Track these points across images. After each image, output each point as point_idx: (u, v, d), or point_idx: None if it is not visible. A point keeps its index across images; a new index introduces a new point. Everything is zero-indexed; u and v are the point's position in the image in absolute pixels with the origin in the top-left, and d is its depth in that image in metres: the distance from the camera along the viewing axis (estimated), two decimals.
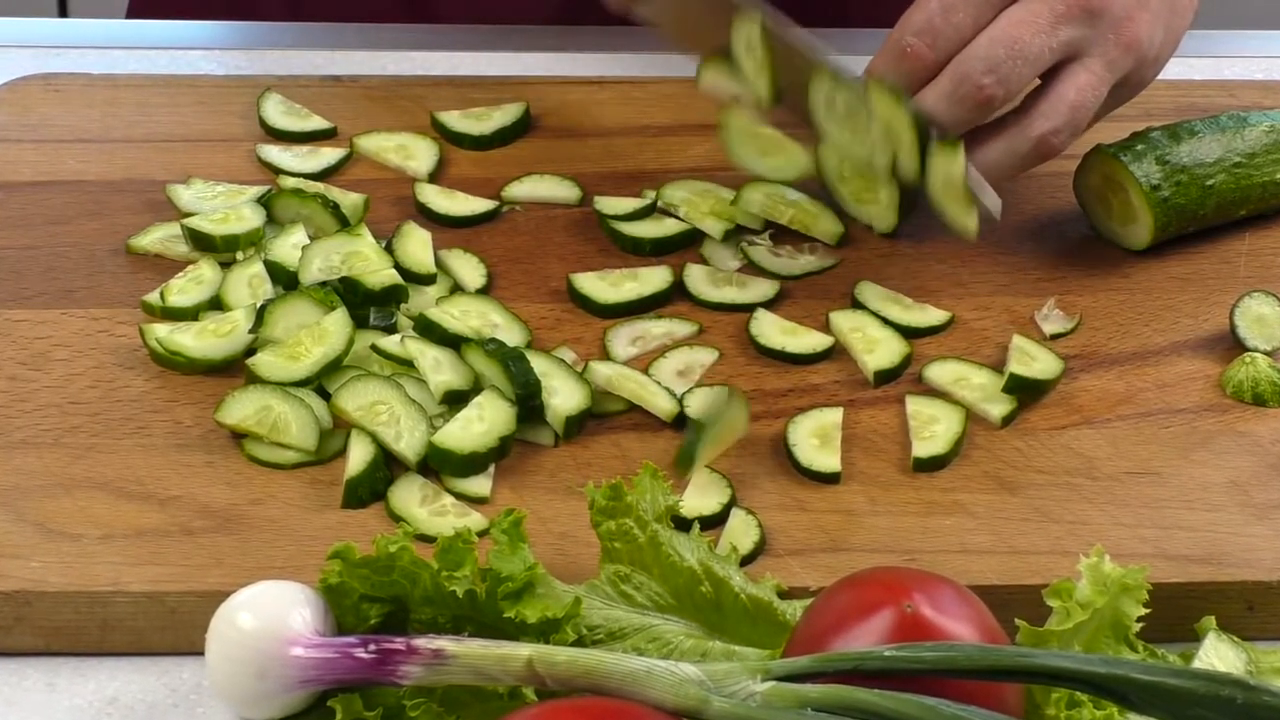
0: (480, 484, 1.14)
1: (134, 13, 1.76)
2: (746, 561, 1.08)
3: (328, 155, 1.44)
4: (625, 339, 1.27)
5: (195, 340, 1.22)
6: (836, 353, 1.27)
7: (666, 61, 1.56)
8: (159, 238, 1.33)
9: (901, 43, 1.25)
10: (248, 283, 1.28)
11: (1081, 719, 0.96)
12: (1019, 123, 1.28)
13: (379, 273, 1.26)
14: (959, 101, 1.24)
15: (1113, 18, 1.26)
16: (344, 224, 1.33)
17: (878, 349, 1.26)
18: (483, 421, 1.16)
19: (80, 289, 1.29)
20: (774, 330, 1.27)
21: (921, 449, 1.18)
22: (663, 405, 1.20)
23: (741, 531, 1.11)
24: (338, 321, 1.21)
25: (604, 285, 1.31)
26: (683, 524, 1.07)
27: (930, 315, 1.30)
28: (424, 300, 1.28)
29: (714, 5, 1.33)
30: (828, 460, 1.17)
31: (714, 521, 1.12)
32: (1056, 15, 1.24)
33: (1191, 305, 1.33)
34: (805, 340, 1.27)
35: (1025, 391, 1.23)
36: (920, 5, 1.26)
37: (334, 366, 1.20)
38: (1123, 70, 1.28)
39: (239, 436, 1.17)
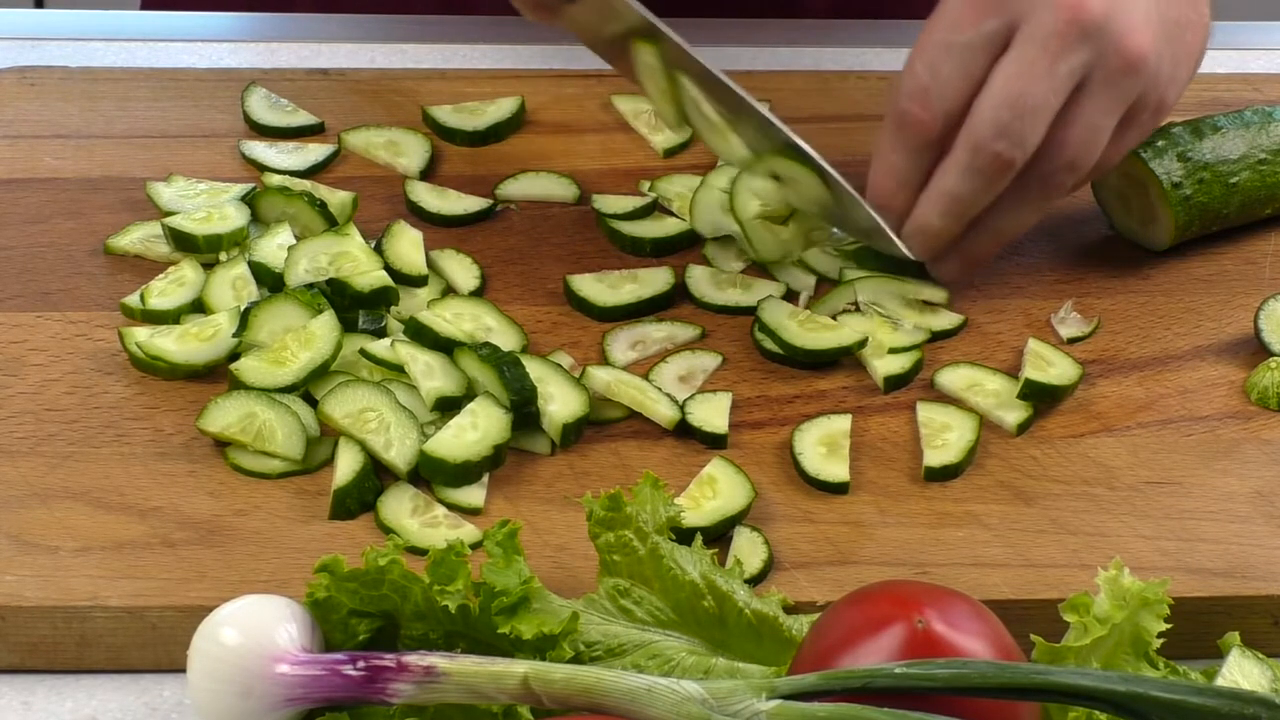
0: (474, 494, 1.14)
1: (150, 3, 1.74)
2: (755, 582, 1.08)
3: (314, 151, 1.43)
4: (625, 343, 1.26)
5: (177, 344, 1.22)
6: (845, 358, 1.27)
7: None
8: (139, 238, 1.33)
9: (897, 110, 1.24)
10: (231, 284, 1.27)
11: None
12: (1025, 172, 1.25)
13: (368, 274, 1.25)
14: (979, 173, 1.23)
15: (1113, 32, 1.22)
16: (331, 223, 1.33)
17: (888, 354, 1.25)
18: (476, 429, 1.15)
19: (57, 291, 1.29)
20: (792, 323, 1.26)
21: (933, 458, 1.17)
22: (663, 412, 1.19)
23: (749, 550, 1.10)
24: (325, 325, 1.21)
25: (602, 287, 1.30)
26: (684, 536, 1.07)
27: (942, 319, 1.30)
28: (415, 303, 1.27)
29: (620, 25, 1.32)
30: (836, 470, 1.16)
31: (718, 538, 1.11)
32: (1053, 53, 1.21)
33: (1214, 308, 1.32)
34: (830, 335, 1.25)
35: (1041, 398, 1.22)
36: (908, 70, 1.24)
37: (321, 372, 1.19)
38: (1131, 93, 1.24)
39: (222, 445, 1.16)
